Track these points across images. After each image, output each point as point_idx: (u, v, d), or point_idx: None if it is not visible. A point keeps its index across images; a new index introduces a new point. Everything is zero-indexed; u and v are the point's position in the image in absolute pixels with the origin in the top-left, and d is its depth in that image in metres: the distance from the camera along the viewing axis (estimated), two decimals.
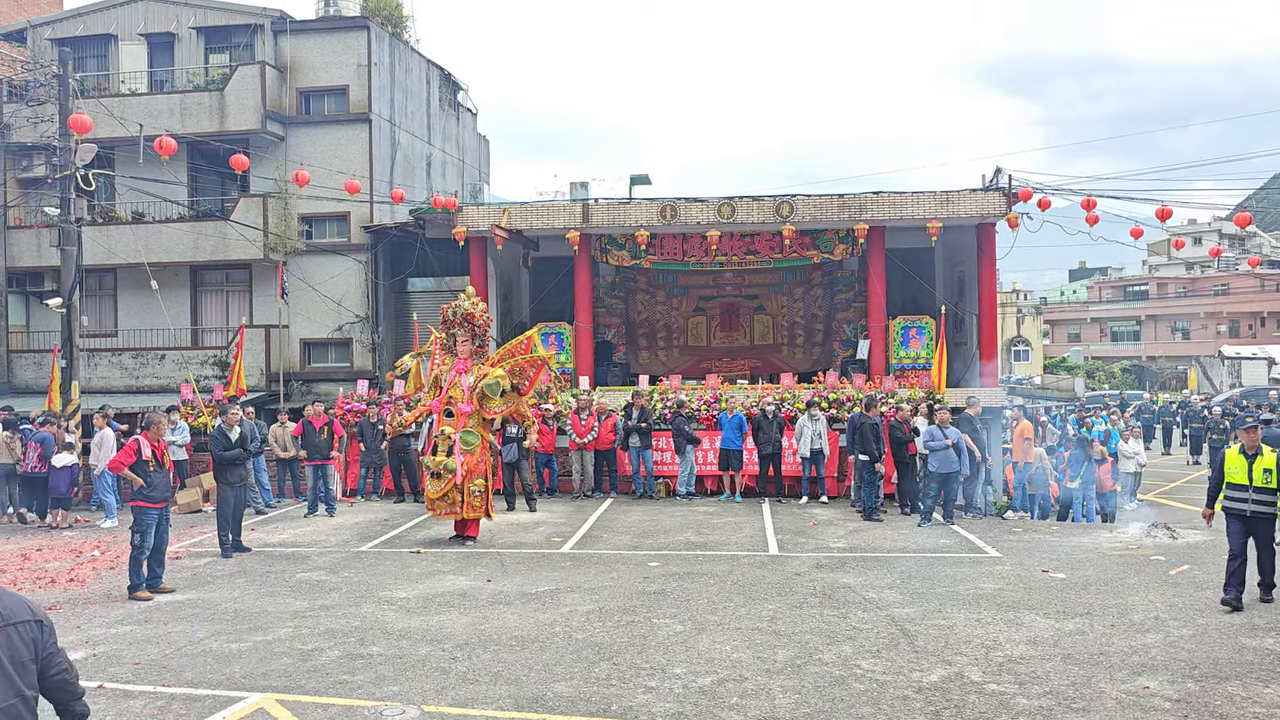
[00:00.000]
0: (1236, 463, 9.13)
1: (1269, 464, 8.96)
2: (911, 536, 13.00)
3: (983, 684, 6.84)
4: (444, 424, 12.83)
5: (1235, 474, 9.11)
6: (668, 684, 6.92)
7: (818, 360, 22.41)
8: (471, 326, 13.22)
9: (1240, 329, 62.41)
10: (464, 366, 13.07)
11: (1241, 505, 9.03)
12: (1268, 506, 8.96)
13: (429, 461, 12.72)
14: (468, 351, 13.16)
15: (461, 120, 28.38)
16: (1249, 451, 9.08)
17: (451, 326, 13.22)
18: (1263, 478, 8.95)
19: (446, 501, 12.62)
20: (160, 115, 21.57)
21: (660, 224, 19.29)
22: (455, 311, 13.25)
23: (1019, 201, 18.38)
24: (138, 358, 22.24)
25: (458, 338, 13.20)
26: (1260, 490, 8.95)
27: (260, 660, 7.67)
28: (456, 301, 13.37)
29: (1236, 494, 9.08)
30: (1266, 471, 8.94)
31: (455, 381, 12.94)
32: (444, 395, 12.91)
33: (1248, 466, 9.02)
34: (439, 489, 12.56)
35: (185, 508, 16.15)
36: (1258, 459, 9.00)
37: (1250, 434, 9.16)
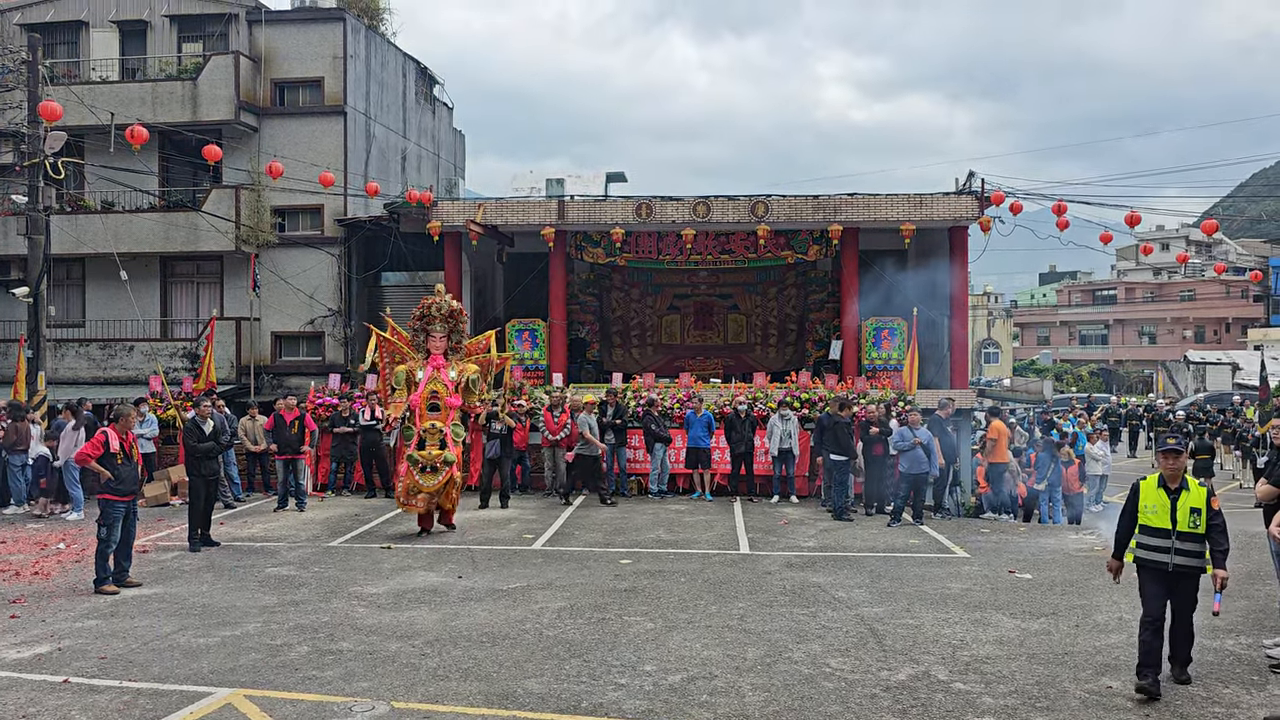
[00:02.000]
0: (1154, 498, 6.93)
1: (1197, 501, 6.82)
2: (881, 536, 13.11)
3: (949, 683, 6.92)
4: (431, 418, 12.66)
5: (1153, 514, 6.90)
6: (638, 681, 6.95)
7: (790, 360, 22.52)
8: (455, 322, 13.12)
9: (1206, 334, 63.34)
10: (441, 361, 12.93)
11: (1161, 557, 6.86)
12: (1194, 559, 6.83)
13: (420, 455, 12.46)
14: (442, 347, 13.01)
15: (437, 114, 28.26)
16: (1171, 484, 6.91)
17: (431, 322, 13.01)
18: (1189, 520, 6.78)
19: (437, 495, 12.58)
20: (131, 104, 21.34)
21: (636, 222, 19.31)
22: (439, 307, 13.05)
23: (991, 205, 18.57)
24: (105, 349, 22.01)
25: (432, 333, 13.02)
26: (1186, 537, 6.79)
27: (228, 655, 7.62)
28: (437, 297, 13.20)
29: (1154, 541, 6.91)
30: (1194, 512, 6.79)
31: (435, 376, 12.80)
32: (423, 390, 12.72)
33: (1170, 504, 6.85)
34: (435, 482, 12.44)
35: (153, 501, 15.99)
36: (1183, 495, 6.85)
37: (1172, 460, 6.95)
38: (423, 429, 12.62)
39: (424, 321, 13.08)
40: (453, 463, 12.59)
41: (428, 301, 13.17)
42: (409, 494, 12.64)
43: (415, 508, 12.80)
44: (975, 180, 19.13)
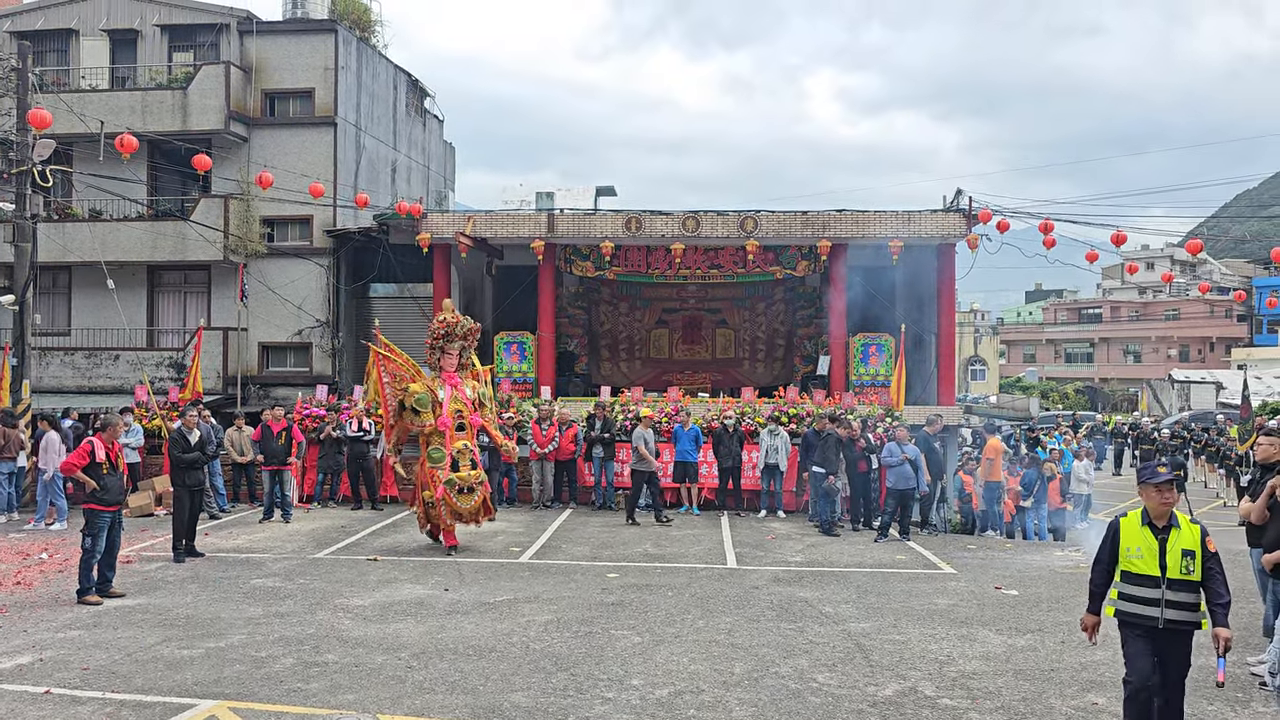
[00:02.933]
0: (1138, 539, 5.72)
1: (1189, 542, 5.62)
2: (868, 552, 13.12)
3: (936, 699, 6.93)
4: (459, 438, 12.38)
5: (1137, 558, 5.69)
6: (625, 695, 6.93)
7: (778, 375, 22.57)
8: (470, 341, 12.88)
9: (1190, 353, 63.78)
10: (456, 380, 12.66)
11: (1148, 610, 5.65)
12: (1188, 611, 5.62)
13: (458, 478, 12.09)
14: (454, 365, 12.72)
15: (428, 126, 28.30)
16: (1158, 522, 5.72)
17: (452, 340, 12.66)
18: (1181, 565, 5.58)
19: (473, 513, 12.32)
20: (121, 112, 21.29)
21: (625, 236, 19.36)
22: (462, 325, 12.75)
23: (979, 223, 18.69)
24: (91, 358, 21.88)
25: (449, 351, 12.67)
26: (1178, 585, 5.59)
27: (213, 667, 7.57)
28: (451, 315, 12.88)
29: (1139, 590, 5.68)
30: (1187, 555, 5.59)
31: (454, 395, 12.51)
32: (448, 409, 12.39)
33: (1158, 546, 5.64)
34: (472, 503, 12.17)
35: (137, 511, 15.88)
36: (1172, 534, 5.65)
37: (1162, 493, 5.71)
38: (455, 450, 12.28)
39: (445, 340, 12.68)
40: (485, 481, 12.44)
41: (450, 320, 12.76)
42: (451, 516, 12.28)
43: (450, 529, 12.47)
44: (963, 198, 19.25)
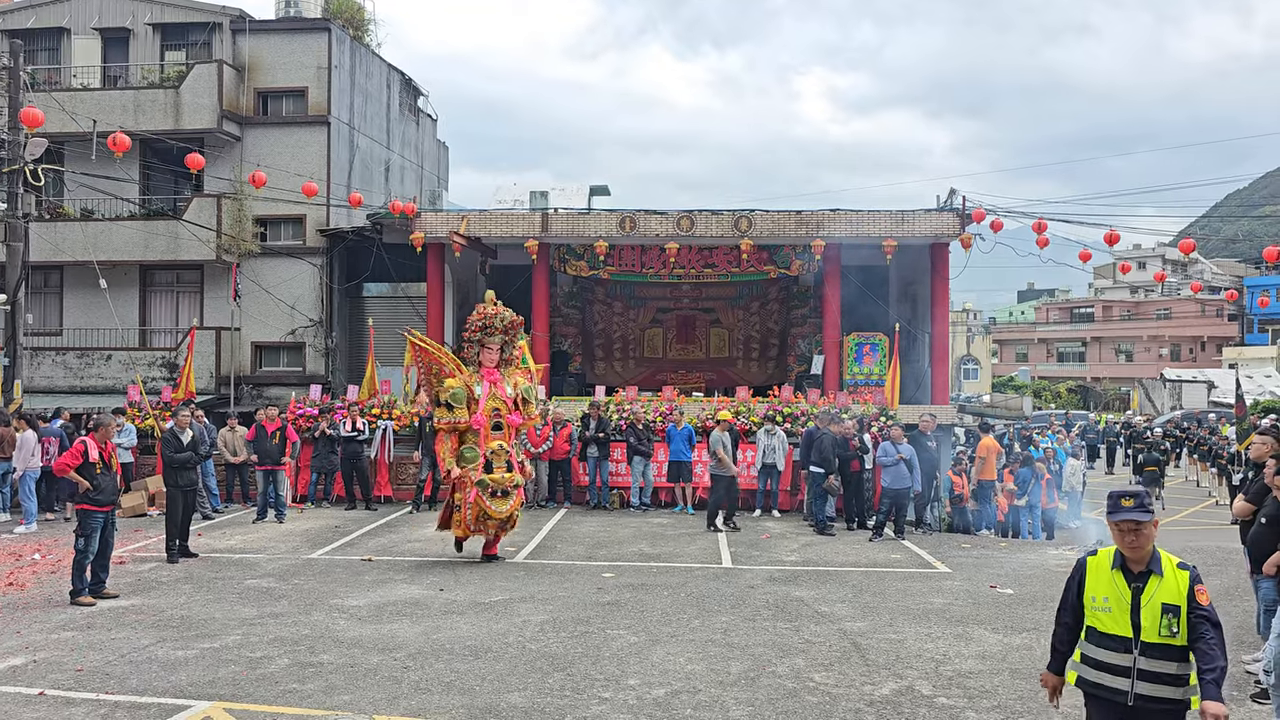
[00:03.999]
0: (1107, 587, 4.40)
1: (1172, 593, 4.26)
2: (863, 551, 13.13)
3: (933, 698, 6.93)
4: (495, 438, 11.65)
5: (1104, 611, 4.38)
6: (621, 695, 6.92)
7: (772, 375, 22.58)
8: (512, 335, 12.13)
9: (1181, 352, 63.99)
10: (496, 376, 11.90)
11: (1116, 681, 4.36)
12: (1169, 685, 4.29)
13: (491, 480, 11.40)
14: (495, 360, 11.97)
15: (421, 126, 28.25)
16: (1134, 566, 4.36)
17: (491, 333, 11.92)
18: (1161, 625, 4.23)
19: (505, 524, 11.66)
20: (113, 111, 21.23)
21: (619, 235, 19.34)
22: (502, 318, 11.98)
23: (972, 222, 18.72)
24: (83, 357, 21.80)
25: (489, 346, 11.93)
26: (1155, 651, 4.25)
27: (207, 668, 7.54)
28: (492, 307, 12.10)
29: (1106, 655, 4.39)
30: (1168, 612, 4.24)
31: (492, 392, 11.75)
32: (484, 407, 11.65)
33: (1130, 598, 4.31)
34: (507, 508, 11.49)
35: (130, 511, 15.80)
36: (1151, 583, 4.29)
37: (1125, 533, 4.34)
38: (489, 450, 11.57)
39: (484, 333, 11.92)
40: (520, 485, 11.81)
41: (489, 311, 12.01)
42: (479, 521, 11.54)
43: (484, 534, 11.81)
44: (956, 198, 19.28)
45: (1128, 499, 4.39)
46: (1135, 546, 4.34)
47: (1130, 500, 4.39)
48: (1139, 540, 4.33)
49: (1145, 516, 4.34)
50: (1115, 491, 4.45)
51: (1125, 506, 4.38)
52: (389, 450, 17.75)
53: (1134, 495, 4.40)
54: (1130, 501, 4.39)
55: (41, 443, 15.43)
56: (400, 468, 17.78)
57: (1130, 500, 4.39)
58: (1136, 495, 4.40)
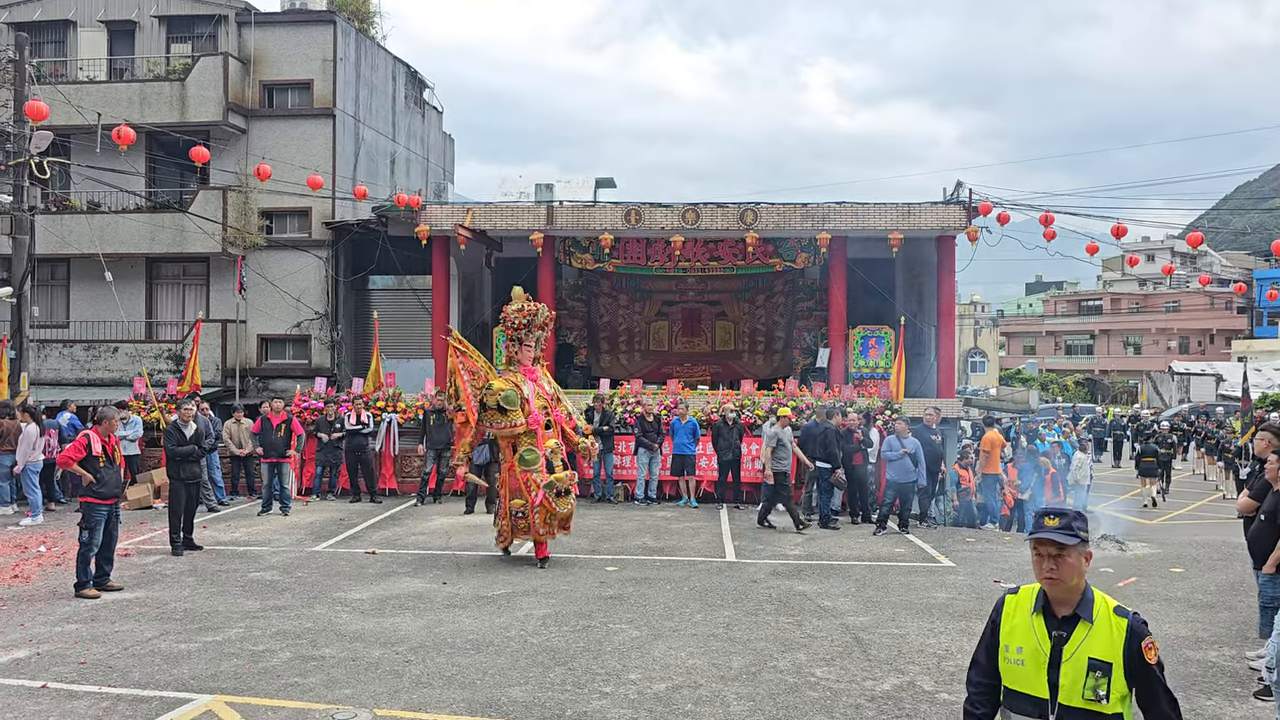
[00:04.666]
0: (1024, 633, 3.52)
1: (1103, 648, 3.37)
2: (866, 545, 13.11)
3: (934, 693, 6.92)
4: (549, 437, 11.35)
5: (1017, 664, 3.50)
6: (623, 690, 6.92)
7: (778, 368, 22.54)
8: (546, 331, 11.84)
9: (1190, 345, 63.72)
10: (535, 374, 11.58)
11: None
12: None
13: (558, 480, 11.02)
14: (532, 357, 11.66)
15: (427, 118, 28.21)
16: (1058, 609, 3.49)
17: (532, 330, 11.56)
18: (1084, 686, 3.34)
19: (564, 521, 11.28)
20: (119, 104, 21.22)
21: (625, 228, 19.30)
22: (540, 314, 11.63)
23: (979, 215, 18.64)
24: (89, 350, 21.85)
25: (527, 343, 11.57)
26: (1075, 718, 3.35)
27: (210, 661, 7.56)
28: (534, 304, 11.70)
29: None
30: (1097, 670, 3.34)
31: (536, 390, 11.40)
32: (534, 406, 11.25)
33: (1049, 651, 3.43)
34: (569, 507, 11.17)
35: (135, 504, 15.87)
36: (1078, 632, 3.42)
37: (1058, 560, 3.44)
38: (547, 450, 11.25)
39: (525, 330, 11.55)
40: (575, 482, 11.58)
41: (530, 308, 11.60)
42: (547, 523, 11.17)
43: (551, 536, 11.40)
44: (963, 190, 19.20)
45: (1052, 516, 3.48)
46: (1055, 579, 3.39)
47: (1055, 518, 3.47)
48: (1060, 571, 3.38)
49: (1069, 539, 3.39)
50: (1043, 509, 3.57)
51: (1047, 525, 3.46)
52: (394, 443, 17.78)
53: (1060, 513, 3.49)
54: (1054, 520, 3.46)
55: (45, 435, 15.49)
56: (405, 460, 17.81)
57: (1055, 518, 3.47)
58: (1064, 514, 3.48)
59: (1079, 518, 3.49)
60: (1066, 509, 3.54)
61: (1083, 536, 3.44)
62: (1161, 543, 13.72)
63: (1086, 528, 3.49)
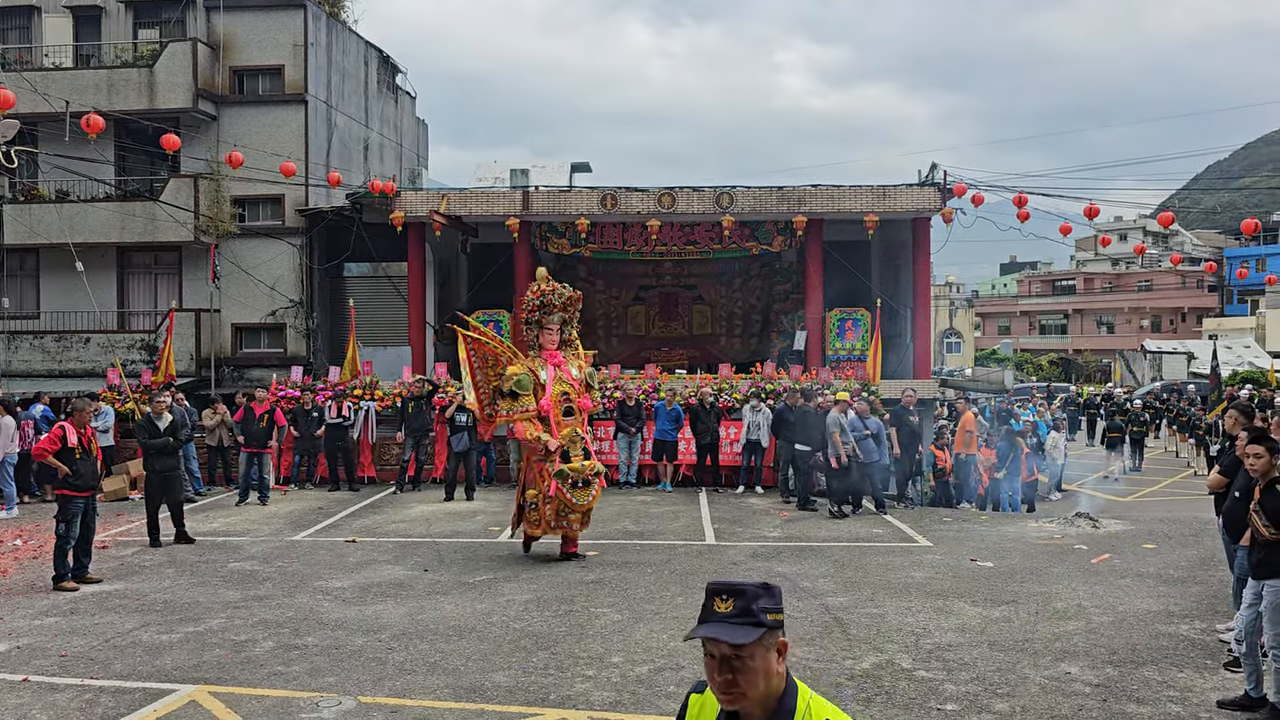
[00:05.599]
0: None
1: None
2: (845, 526, 13.22)
3: (912, 670, 7.02)
4: (567, 424, 10.67)
5: None
6: (605, 673, 6.98)
7: (755, 351, 22.63)
8: (571, 312, 11.17)
9: (1162, 324, 64.42)
10: (559, 358, 10.95)
11: None
12: None
13: (571, 469, 10.39)
14: (555, 341, 11.00)
15: (400, 103, 28.02)
16: (727, 701, 2.33)
17: (550, 311, 10.94)
18: None
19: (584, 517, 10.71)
20: (86, 91, 20.95)
21: (601, 213, 19.28)
22: (559, 294, 10.96)
23: (953, 197, 18.74)
24: (61, 341, 21.62)
25: (548, 325, 10.94)
26: None
27: (192, 652, 7.55)
28: (546, 284, 10.99)
29: None
30: None
31: (559, 375, 10.79)
32: (551, 392, 10.66)
33: None
34: (589, 499, 10.55)
35: (111, 495, 15.76)
36: None
37: (740, 667, 2.27)
38: (564, 438, 10.60)
39: (541, 312, 10.95)
40: (602, 473, 10.88)
41: (545, 289, 10.96)
42: (559, 517, 10.56)
43: (566, 530, 10.81)
44: (937, 172, 19.29)
45: (725, 597, 2.31)
46: (733, 695, 2.31)
47: (728, 600, 2.30)
48: (741, 683, 2.29)
49: (747, 635, 2.26)
50: (713, 583, 2.37)
51: (717, 612, 2.31)
52: (371, 431, 17.74)
53: (736, 591, 2.30)
54: (727, 603, 2.30)
55: (20, 428, 15.35)
56: (383, 448, 17.77)
57: (728, 600, 2.30)
58: (741, 591, 2.30)
59: (766, 591, 2.31)
60: (746, 584, 2.31)
61: (769, 622, 2.28)
62: (1134, 519, 13.91)
63: (778, 602, 2.33)
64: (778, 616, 2.34)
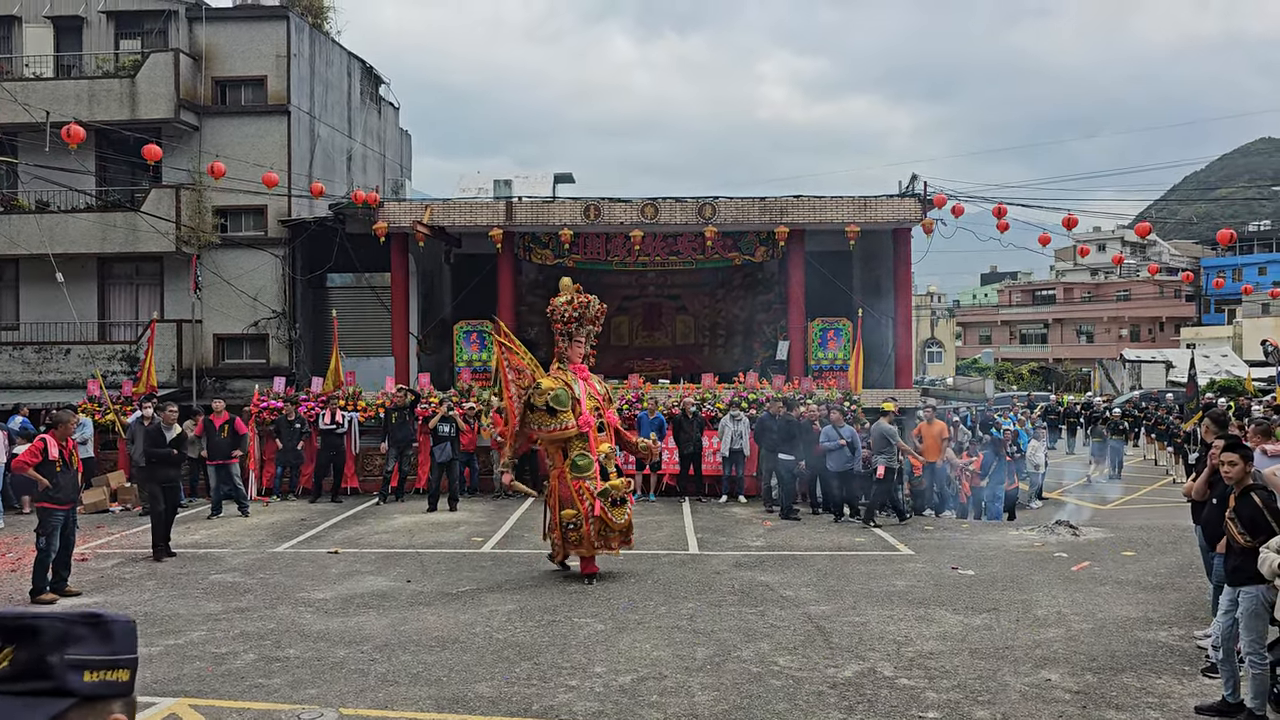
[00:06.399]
0: None
1: None
2: (827, 535, 13.28)
3: (894, 679, 7.06)
4: (602, 441, 10.43)
5: None
6: (588, 683, 6.98)
7: (738, 360, 22.70)
8: (597, 325, 11.05)
9: (1140, 333, 64.96)
10: (585, 372, 10.77)
11: None
12: None
13: (613, 488, 10.10)
14: (583, 354, 10.81)
15: (383, 114, 28.01)
16: None
17: (583, 324, 10.75)
18: None
19: (623, 533, 10.31)
20: (67, 101, 20.86)
21: (584, 223, 19.34)
22: (591, 307, 10.79)
23: (934, 208, 18.89)
24: (41, 352, 21.47)
25: (578, 339, 10.74)
26: None
27: (172, 664, 7.51)
28: (585, 295, 10.84)
29: None
30: None
31: (588, 390, 10.56)
32: (585, 407, 10.38)
33: None
34: (625, 518, 10.18)
35: (92, 507, 15.64)
36: None
37: None
38: (601, 455, 10.35)
39: (576, 325, 10.71)
40: (632, 490, 10.59)
41: (581, 300, 10.74)
42: (600, 536, 10.19)
43: (613, 551, 10.45)
44: (918, 183, 19.45)
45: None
46: None
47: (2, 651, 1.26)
48: None
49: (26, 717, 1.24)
50: None
51: None
52: (354, 442, 17.68)
53: (18, 632, 1.26)
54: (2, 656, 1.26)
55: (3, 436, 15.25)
56: (366, 459, 17.72)
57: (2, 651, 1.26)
58: (28, 633, 1.26)
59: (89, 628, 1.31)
60: (40, 617, 1.29)
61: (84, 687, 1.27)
62: (1114, 527, 14.02)
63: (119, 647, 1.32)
64: (111, 676, 1.30)
